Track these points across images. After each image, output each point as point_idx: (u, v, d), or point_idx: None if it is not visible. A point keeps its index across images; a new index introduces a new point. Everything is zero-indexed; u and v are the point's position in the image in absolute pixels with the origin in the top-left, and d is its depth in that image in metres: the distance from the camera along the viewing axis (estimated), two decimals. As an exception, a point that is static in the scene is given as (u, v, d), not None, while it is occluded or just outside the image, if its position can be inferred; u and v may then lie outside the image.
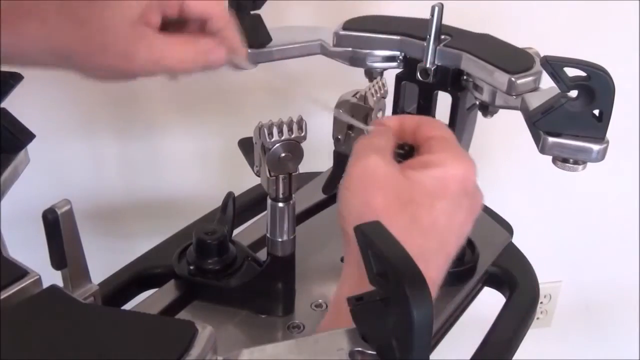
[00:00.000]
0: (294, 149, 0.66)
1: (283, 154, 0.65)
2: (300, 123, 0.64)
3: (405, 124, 0.61)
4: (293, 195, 0.70)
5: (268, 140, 0.64)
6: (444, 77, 0.77)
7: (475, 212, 0.58)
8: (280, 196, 0.69)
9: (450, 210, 0.55)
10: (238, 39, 0.64)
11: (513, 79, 0.70)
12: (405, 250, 0.36)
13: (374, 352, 0.39)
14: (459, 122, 0.78)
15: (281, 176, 0.67)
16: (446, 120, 0.79)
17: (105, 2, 0.55)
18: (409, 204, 0.54)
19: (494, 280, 0.86)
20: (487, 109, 0.78)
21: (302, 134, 0.65)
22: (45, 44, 0.55)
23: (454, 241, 0.57)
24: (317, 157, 0.81)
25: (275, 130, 0.64)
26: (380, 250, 0.36)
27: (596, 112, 0.62)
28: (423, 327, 0.34)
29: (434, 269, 0.56)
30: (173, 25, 0.60)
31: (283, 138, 0.64)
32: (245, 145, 0.71)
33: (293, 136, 0.65)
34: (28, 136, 0.60)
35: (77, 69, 0.57)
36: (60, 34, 0.54)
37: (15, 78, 0.59)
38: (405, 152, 0.60)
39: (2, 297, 0.43)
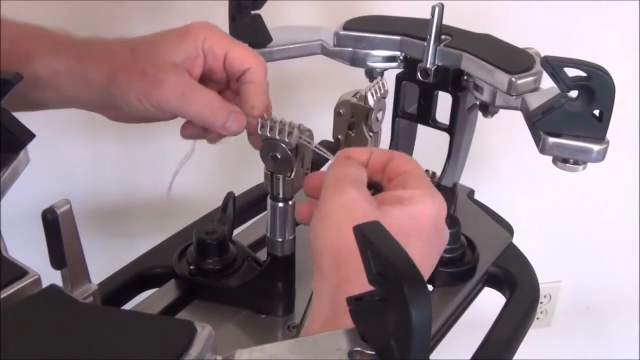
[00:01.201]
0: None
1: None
2: (302, 128, 0.64)
3: (375, 158, 0.60)
4: (293, 195, 0.70)
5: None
6: (445, 77, 0.77)
7: (441, 249, 0.58)
8: (280, 196, 0.69)
9: (423, 249, 0.55)
10: (265, 98, 0.69)
11: (513, 79, 0.70)
12: (405, 251, 0.36)
13: (373, 352, 0.39)
14: (459, 122, 0.78)
15: (281, 176, 0.67)
16: (446, 121, 0.79)
17: (159, 42, 0.66)
18: None
19: (494, 281, 0.86)
20: (488, 109, 0.78)
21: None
22: (106, 63, 0.66)
23: None
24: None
25: (276, 131, 0.64)
26: (379, 251, 0.36)
27: (596, 112, 0.62)
28: (422, 327, 0.34)
29: None
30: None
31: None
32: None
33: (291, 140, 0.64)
34: (28, 136, 0.60)
35: (119, 89, 0.66)
36: (118, 57, 0.66)
37: (15, 78, 0.59)
38: (376, 191, 0.59)
39: (1, 296, 0.43)
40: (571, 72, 0.61)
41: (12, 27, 0.69)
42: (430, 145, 0.75)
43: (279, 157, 0.65)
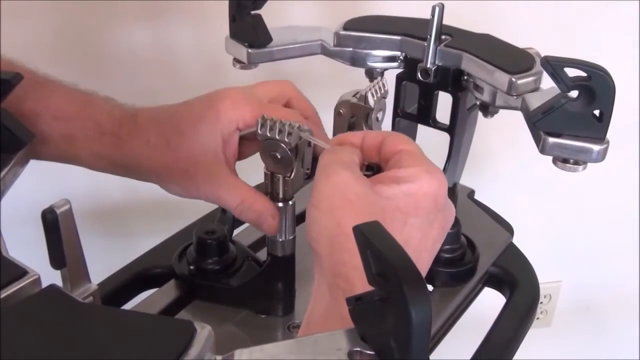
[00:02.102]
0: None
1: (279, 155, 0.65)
2: (302, 128, 0.64)
3: (368, 140, 0.59)
4: (293, 195, 0.70)
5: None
6: (445, 77, 0.77)
7: (447, 227, 0.56)
8: (280, 196, 0.69)
9: (423, 226, 0.54)
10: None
11: (513, 79, 0.70)
12: (404, 251, 0.36)
13: (373, 352, 0.39)
14: (459, 123, 0.78)
15: (281, 176, 0.67)
16: (446, 121, 0.79)
17: (194, 133, 0.67)
18: (381, 222, 0.52)
19: (495, 281, 0.86)
20: (488, 109, 0.78)
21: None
22: (147, 161, 0.68)
23: (427, 258, 0.55)
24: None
25: (276, 131, 0.64)
26: (379, 251, 0.36)
27: (596, 112, 0.62)
28: (421, 327, 0.33)
29: None
30: None
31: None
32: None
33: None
34: (28, 136, 0.60)
35: (162, 183, 0.70)
36: (157, 154, 0.68)
37: (16, 78, 0.59)
38: (373, 173, 0.58)
39: (1, 296, 0.43)
40: (571, 72, 0.61)
41: (58, 99, 0.70)
42: (430, 145, 0.75)
43: (279, 157, 0.65)
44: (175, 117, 0.69)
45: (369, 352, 0.39)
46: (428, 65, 0.76)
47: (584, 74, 0.61)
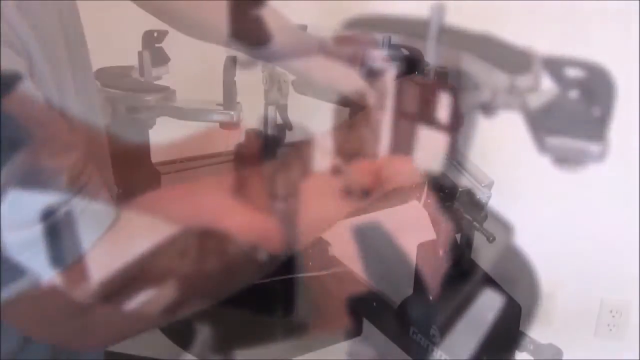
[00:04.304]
0: None
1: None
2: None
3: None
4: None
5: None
6: (444, 77, 0.77)
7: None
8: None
9: None
10: None
11: (513, 79, 0.70)
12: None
13: (373, 353, 0.39)
14: (459, 123, 0.78)
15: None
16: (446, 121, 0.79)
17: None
18: None
19: (494, 281, 0.86)
20: (488, 109, 0.78)
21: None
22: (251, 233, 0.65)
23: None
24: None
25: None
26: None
27: (597, 112, 0.62)
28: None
29: None
30: None
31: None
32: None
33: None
34: (28, 135, 0.60)
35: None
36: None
37: (15, 77, 0.59)
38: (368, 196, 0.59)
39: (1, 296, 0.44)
40: (571, 72, 0.61)
41: None
42: (430, 146, 0.75)
43: None
44: None
45: (369, 352, 0.39)
46: (428, 65, 0.76)
47: (584, 74, 0.61)
